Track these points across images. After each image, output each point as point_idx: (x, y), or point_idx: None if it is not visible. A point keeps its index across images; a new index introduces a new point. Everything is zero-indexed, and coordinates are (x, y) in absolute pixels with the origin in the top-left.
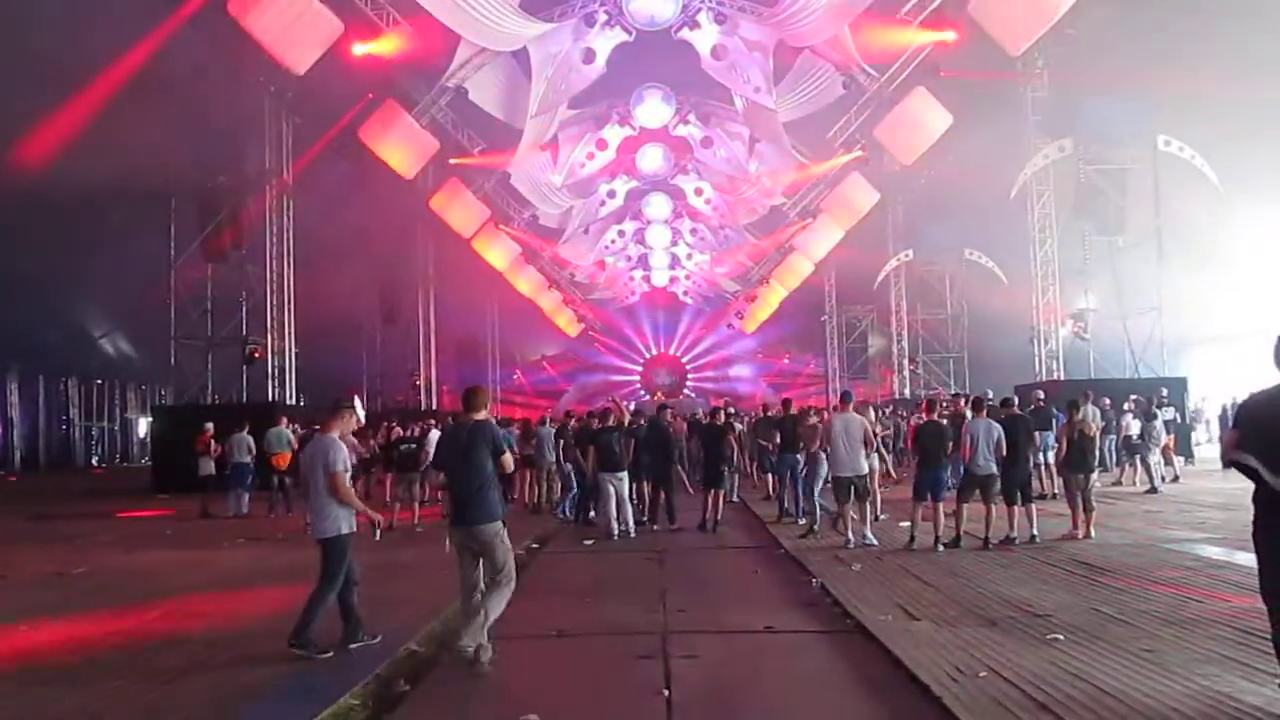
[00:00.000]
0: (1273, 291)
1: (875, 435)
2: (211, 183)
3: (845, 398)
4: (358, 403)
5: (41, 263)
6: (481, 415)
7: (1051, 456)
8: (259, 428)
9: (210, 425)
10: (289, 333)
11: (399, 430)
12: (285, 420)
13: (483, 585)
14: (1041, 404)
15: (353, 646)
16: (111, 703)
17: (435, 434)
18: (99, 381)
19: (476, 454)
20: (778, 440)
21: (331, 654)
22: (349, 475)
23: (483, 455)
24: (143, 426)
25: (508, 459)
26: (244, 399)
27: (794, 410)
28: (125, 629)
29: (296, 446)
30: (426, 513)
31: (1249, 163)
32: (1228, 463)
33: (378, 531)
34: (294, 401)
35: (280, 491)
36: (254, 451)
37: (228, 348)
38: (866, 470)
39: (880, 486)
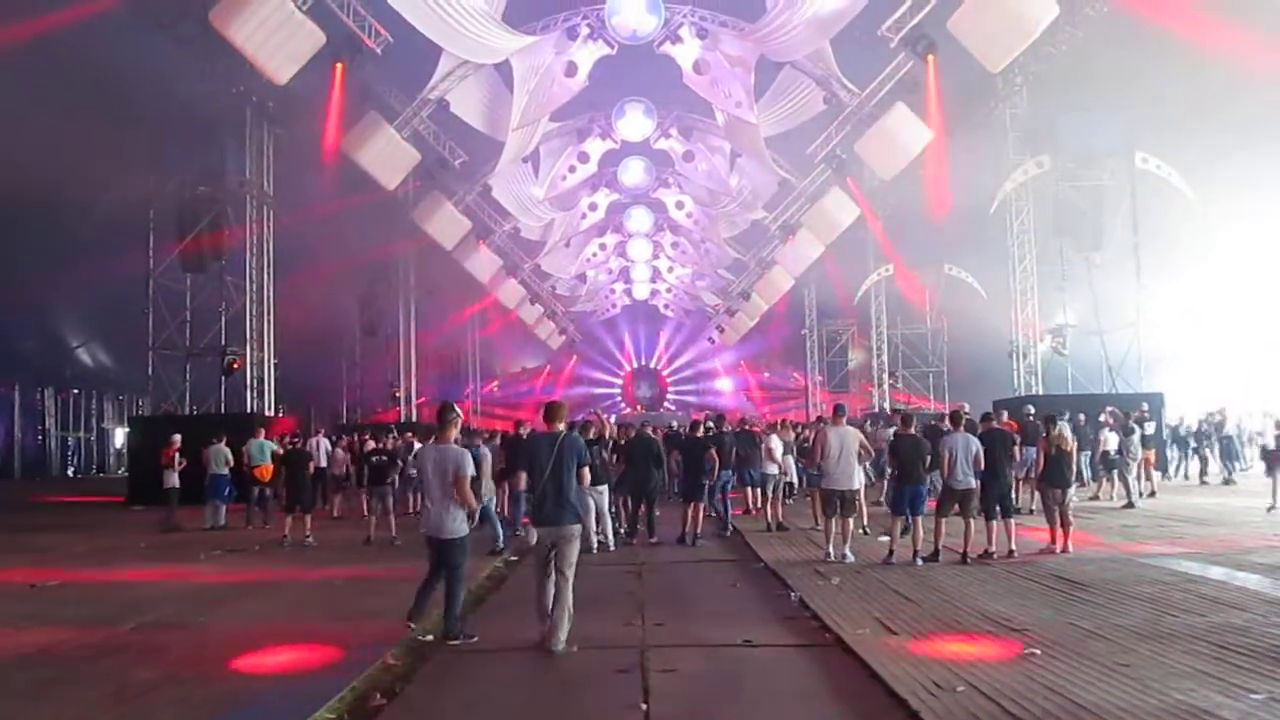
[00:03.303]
0: (1249, 308)
1: (869, 450)
2: (191, 193)
3: (839, 410)
4: (458, 408)
5: (18, 272)
6: (562, 426)
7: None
8: (238, 439)
9: (177, 437)
10: (268, 344)
11: (371, 443)
12: (263, 432)
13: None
14: (1031, 419)
15: (452, 643)
16: (81, 716)
17: (420, 446)
18: (75, 391)
19: (570, 461)
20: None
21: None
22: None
23: (573, 463)
24: (119, 437)
25: (586, 470)
26: (222, 410)
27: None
28: (97, 641)
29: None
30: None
31: (1226, 180)
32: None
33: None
34: (272, 413)
35: (259, 503)
36: (231, 463)
37: (206, 358)
38: (858, 485)
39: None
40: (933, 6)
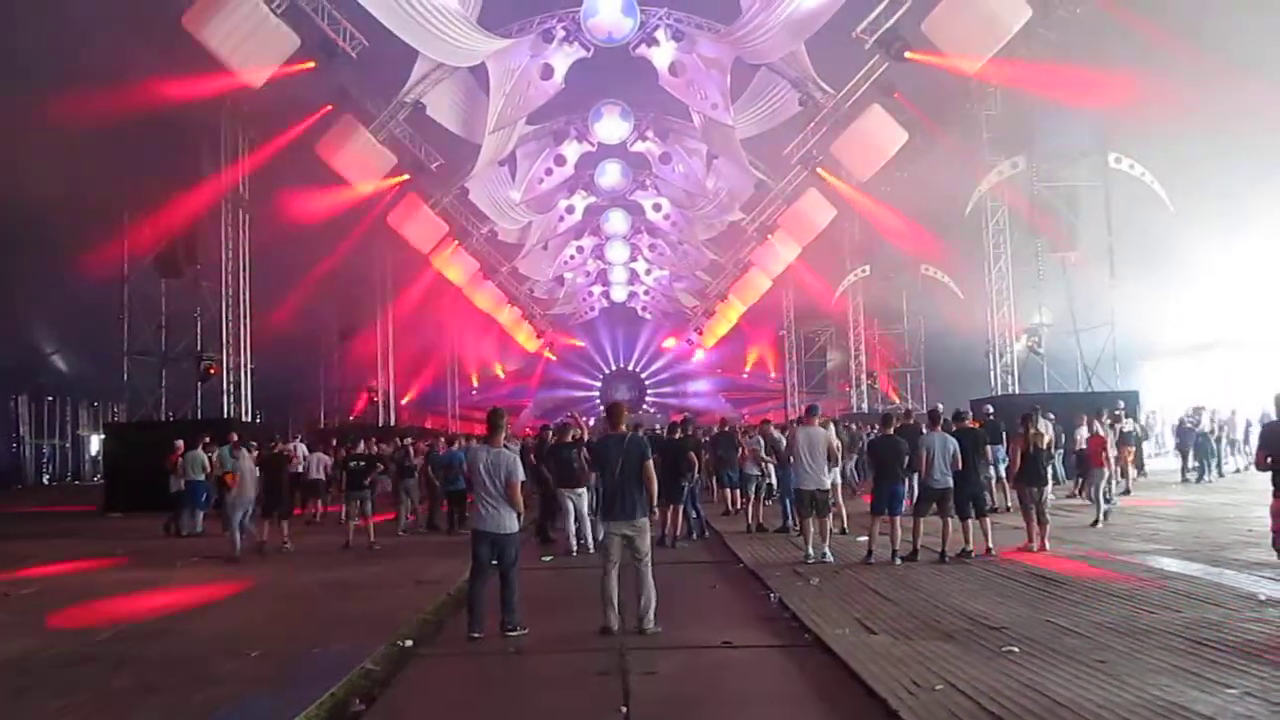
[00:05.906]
0: (1222, 306)
1: (838, 450)
2: (166, 197)
3: (810, 411)
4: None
5: None
6: (624, 428)
7: (1003, 470)
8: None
9: (181, 443)
10: (244, 348)
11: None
12: (235, 437)
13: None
14: (991, 418)
15: (510, 635)
16: None
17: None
18: (50, 398)
19: (639, 460)
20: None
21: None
22: None
23: (638, 461)
24: (95, 444)
25: (650, 466)
26: (199, 415)
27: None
28: (75, 649)
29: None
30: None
31: (1199, 180)
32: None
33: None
34: (250, 418)
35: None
36: (209, 469)
37: (182, 363)
38: (828, 485)
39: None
40: (907, 8)
